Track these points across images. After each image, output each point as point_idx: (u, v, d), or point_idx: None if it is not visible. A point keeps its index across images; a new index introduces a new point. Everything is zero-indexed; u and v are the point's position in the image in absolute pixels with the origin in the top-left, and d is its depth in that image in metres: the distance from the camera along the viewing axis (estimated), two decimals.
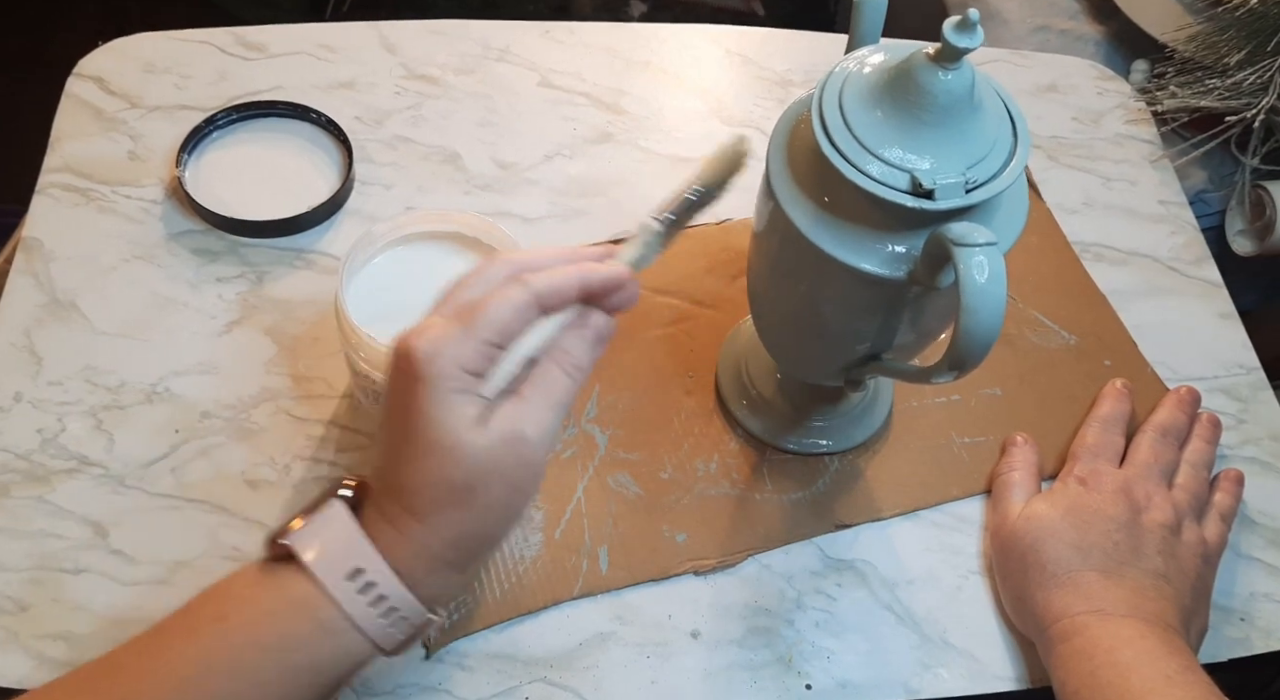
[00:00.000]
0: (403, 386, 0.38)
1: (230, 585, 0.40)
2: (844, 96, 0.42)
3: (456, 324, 0.38)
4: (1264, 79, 0.74)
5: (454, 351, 0.37)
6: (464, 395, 0.37)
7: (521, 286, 0.38)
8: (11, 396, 0.57)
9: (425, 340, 0.37)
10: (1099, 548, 0.52)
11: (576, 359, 0.40)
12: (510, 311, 0.38)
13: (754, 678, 0.52)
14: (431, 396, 0.37)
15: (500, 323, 0.38)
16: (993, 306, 0.38)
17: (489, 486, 0.38)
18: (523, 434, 0.38)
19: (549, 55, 0.75)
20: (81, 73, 0.69)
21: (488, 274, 0.40)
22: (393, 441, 0.39)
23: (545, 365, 0.39)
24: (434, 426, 0.37)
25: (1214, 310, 0.68)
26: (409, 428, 0.38)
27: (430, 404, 0.37)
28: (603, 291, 0.40)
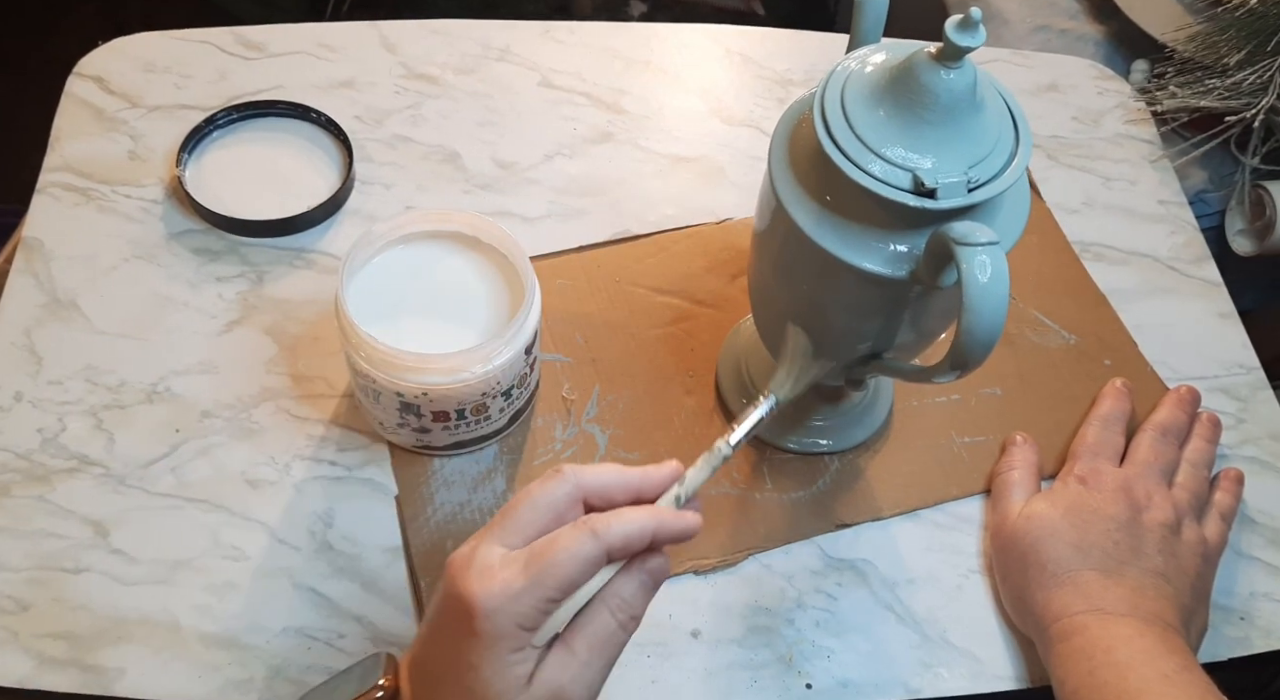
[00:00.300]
0: (457, 629, 0.37)
1: None
2: (846, 96, 0.42)
3: (521, 576, 0.36)
4: (1264, 79, 0.74)
5: (515, 608, 0.36)
6: (519, 654, 0.36)
7: (593, 539, 0.37)
8: (12, 396, 0.57)
9: (487, 593, 0.36)
10: (1099, 547, 0.52)
11: (632, 607, 0.38)
12: (578, 566, 0.36)
13: (754, 677, 0.52)
14: (486, 655, 0.36)
15: (567, 579, 0.36)
16: (995, 306, 0.38)
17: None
18: (565, 694, 0.37)
19: (549, 55, 0.75)
20: (82, 72, 0.69)
21: (551, 498, 0.38)
22: (437, 678, 0.38)
23: (598, 613, 0.38)
24: (482, 685, 0.36)
25: (1214, 310, 0.68)
26: (457, 675, 0.37)
27: (484, 662, 0.36)
28: (670, 542, 0.39)
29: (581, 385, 0.60)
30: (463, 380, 0.50)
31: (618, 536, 0.37)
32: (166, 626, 0.51)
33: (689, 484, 0.41)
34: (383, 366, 0.50)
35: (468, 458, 0.57)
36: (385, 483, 0.56)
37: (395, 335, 0.49)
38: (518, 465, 0.57)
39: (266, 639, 0.51)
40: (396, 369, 0.49)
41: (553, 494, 0.38)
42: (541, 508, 0.38)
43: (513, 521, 0.38)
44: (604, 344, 0.62)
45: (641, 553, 0.39)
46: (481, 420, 0.54)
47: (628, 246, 0.66)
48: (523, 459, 0.57)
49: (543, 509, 0.38)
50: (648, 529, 0.38)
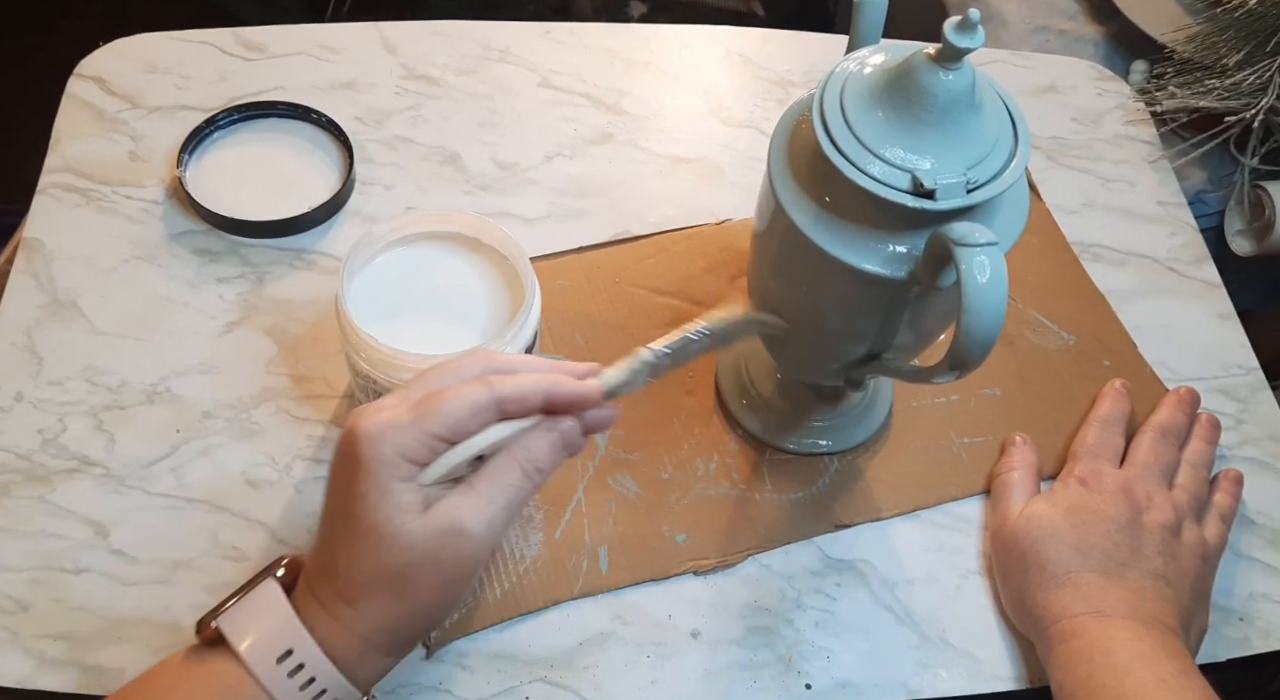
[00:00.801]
0: (345, 466, 0.37)
1: (158, 674, 0.40)
2: (845, 97, 0.42)
3: (407, 412, 0.37)
4: (1263, 79, 0.74)
5: (398, 438, 0.37)
6: (406, 483, 0.37)
7: (484, 386, 0.38)
8: (12, 396, 0.57)
9: (371, 423, 0.37)
10: (1099, 548, 0.52)
11: (537, 459, 0.39)
12: (466, 407, 0.37)
13: (754, 677, 0.52)
14: (370, 481, 0.36)
15: (452, 418, 0.37)
16: (994, 307, 0.38)
17: (421, 575, 0.37)
18: (463, 526, 0.37)
19: (549, 56, 0.75)
20: (82, 73, 0.69)
21: (459, 368, 0.39)
22: (331, 522, 0.39)
23: (501, 459, 0.39)
24: (370, 511, 0.37)
25: (1213, 310, 0.68)
26: (346, 510, 0.37)
27: (368, 488, 0.36)
28: (568, 406, 0.39)
29: None
30: None
31: (511, 388, 0.38)
32: (166, 627, 0.51)
33: (606, 376, 0.41)
34: (383, 367, 0.50)
35: None
36: None
37: (395, 336, 0.50)
38: None
39: None
40: (397, 370, 0.49)
41: (462, 366, 0.39)
42: (445, 376, 0.39)
43: (415, 384, 0.39)
44: (604, 344, 0.62)
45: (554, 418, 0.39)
46: None
47: (627, 247, 0.66)
48: None
49: (446, 377, 0.39)
50: (541, 384, 0.38)
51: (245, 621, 0.38)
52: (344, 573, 0.38)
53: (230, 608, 0.39)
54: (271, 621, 0.38)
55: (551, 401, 0.39)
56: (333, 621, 0.38)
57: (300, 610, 0.39)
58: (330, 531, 0.39)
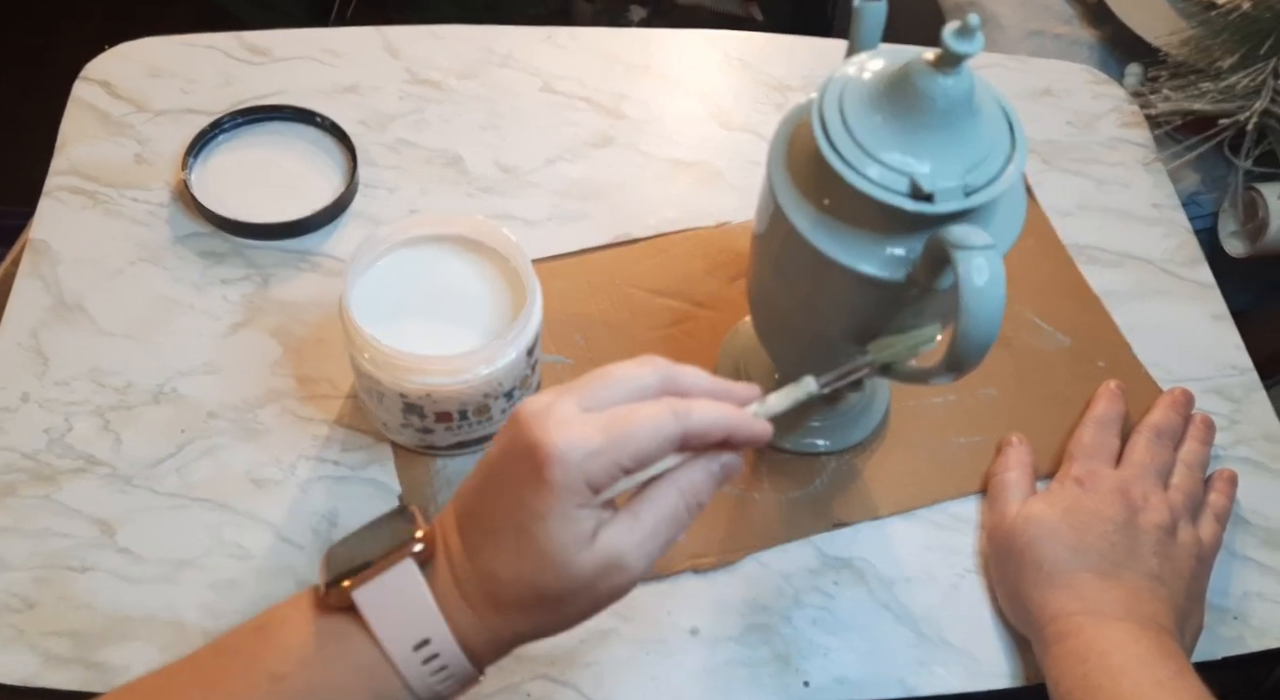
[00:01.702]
0: (524, 476, 0.36)
1: (287, 635, 0.38)
2: (844, 101, 0.42)
3: (599, 434, 0.36)
4: (1256, 82, 0.74)
5: (589, 465, 0.35)
6: (584, 510, 0.36)
7: (675, 418, 0.36)
8: (19, 397, 0.57)
9: (564, 442, 0.35)
10: (1095, 548, 0.52)
11: (700, 492, 0.38)
12: (657, 442, 0.36)
13: (752, 675, 0.53)
14: (554, 506, 0.35)
15: (643, 451, 0.36)
16: (991, 309, 0.39)
17: (577, 602, 0.37)
18: (625, 561, 0.37)
19: (550, 60, 0.75)
20: (88, 77, 0.70)
21: (639, 378, 0.38)
22: (495, 526, 0.37)
23: (665, 489, 0.38)
24: (545, 537, 0.36)
25: (1207, 311, 0.69)
26: (519, 524, 0.36)
27: (550, 513, 0.35)
28: (743, 443, 0.39)
29: None
30: (465, 381, 0.50)
31: (697, 423, 0.37)
32: (171, 625, 0.51)
33: (769, 404, 0.40)
34: (386, 368, 0.50)
35: (470, 458, 0.57)
36: (388, 483, 0.56)
37: (399, 337, 0.50)
38: None
39: None
40: (400, 370, 0.50)
41: (640, 378, 0.38)
42: (625, 386, 0.38)
43: (591, 389, 0.38)
44: (604, 345, 0.62)
45: (715, 447, 0.39)
46: (484, 421, 0.54)
47: (628, 249, 0.67)
48: None
49: (626, 388, 0.38)
50: (725, 422, 0.38)
51: (384, 603, 0.37)
52: (502, 582, 0.37)
53: (368, 583, 0.37)
54: (411, 607, 0.37)
55: (731, 437, 0.38)
56: (476, 621, 0.38)
57: (441, 599, 0.38)
58: (491, 536, 0.37)
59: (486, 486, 0.38)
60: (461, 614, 0.38)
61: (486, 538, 0.37)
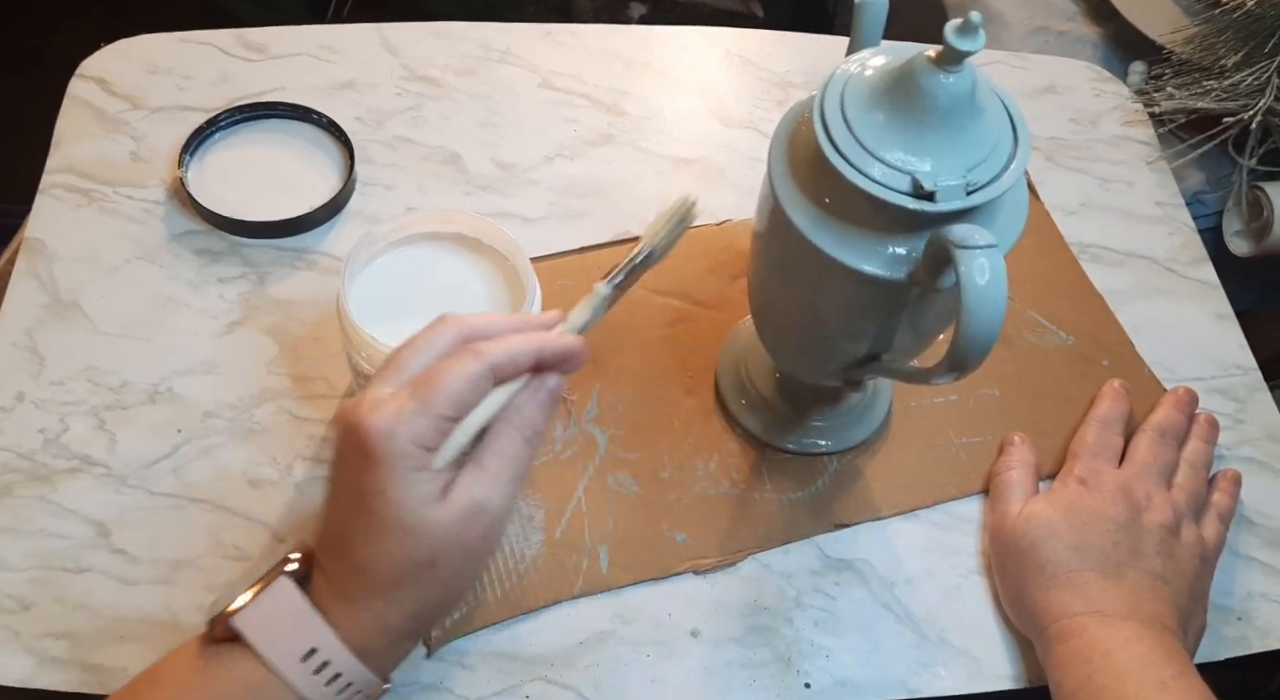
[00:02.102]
0: (355, 463, 0.37)
1: (176, 669, 0.39)
2: (845, 98, 0.42)
3: (410, 399, 0.37)
4: (1261, 80, 0.74)
5: (410, 429, 0.36)
6: (422, 472, 0.37)
7: (476, 357, 0.38)
8: (14, 396, 0.57)
9: (379, 417, 0.36)
10: (1098, 548, 0.52)
11: (534, 424, 0.39)
12: (465, 383, 0.37)
13: (753, 676, 0.52)
14: (389, 476, 0.36)
15: (456, 395, 0.37)
16: (993, 308, 0.39)
17: (450, 560, 0.38)
18: (483, 505, 0.38)
19: (549, 57, 0.75)
20: (84, 74, 0.69)
21: (435, 340, 0.39)
22: (346, 518, 0.38)
23: (501, 430, 0.39)
24: (393, 507, 0.36)
25: (1211, 311, 0.68)
26: (365, 507, 0.37)
27: (388, 484, 0.36)
28: (556, 361, 0.40)
29: (581, 386, 0.60)
30: None
31: (500, 354, 0.38)
32: (168, 626, 0.51)
33: (571, 320, 0.42)
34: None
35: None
36: None
37: (397, 336, 0.49)
38: None
39: None
40: None
41: (439, 339, 0.39)
42: (425, 352, 0.39)
43: (397, 366, 0.39)
44: (604, 345, 0.62)
45: (536, 374, 0.40)
46: None
47: (628, 248, 0.66)
48: None
49: (425, 352, 0.39)
50: (529, 346, 0.39)
51: (263, 622, 0.38)
52: (370, 568, 0.38)
53: (246, 607, 0.38)
54: (291, 621, 0.38)
55: (541, 359, 0.39)
56: (359, 615, 0.38)
57: (320, 606, 0.38)
58: (347, 528, 0.38)
59: (332, 490, 0.39)
60: (341, 613, 0.38)
61: (345, 533, 0.38)
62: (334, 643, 0.38)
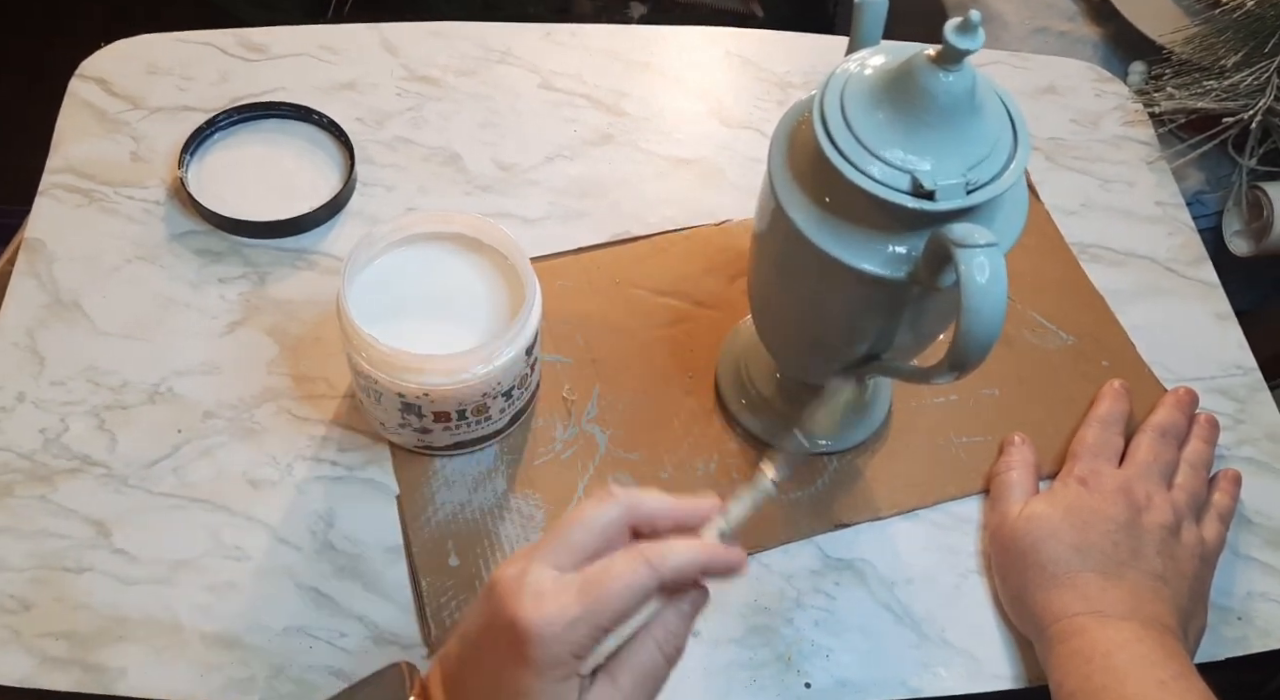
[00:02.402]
0: (504, 653, 0.35)
1: None
2: (845, 98, 0.42)
3: (576, 603, 0.35)
4: (1261, 80, 0.74)
5: (570, 637, 0.35)
6: (567, 682, 0.35)
7: (649, 569, 0.36)
8: (14, 396, 0.57)
9: (541, 617, 0.35)
10: (1098, 548, 0.52)
11: (677, 640, 0.38)
12: (634, 597, 0.36)
13: (753, 676, 0.52)
14: (537, 684, 0.35)
15: (622, 609, 0.36)
16: (993, 307, 0.39)
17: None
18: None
19: (550, 57, 0.75)
20: (84, 74, 0.69)
21: (604, 517, 0.38)
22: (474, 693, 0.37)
23: (645, 646, 0.37)
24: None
25: (1211, 311, 0.68)
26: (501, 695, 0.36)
27: (534, 692, 0.35)
28: (718, 576, 0.38)
29: (582, 386, 0.60)
30: (464, 381, 0.50)
31: (671, 569, 0.36)
32: (168, 626, 0.51)
33: (732, 517, 0.40)
34: (384, 367, 0.50)
35: (468, 458, 0.57)
36: (386, 483, 0.56)
37: (397, 336, 0.50)
38: (518, 465, 0.57)
39: (268, 638, 0.51)
40: (398, 370, 0.50)
41: (605, 516, 0.38)
42: (594, 530, 0.37)
43: (564, 542, 0.37)
44: (604, 345, 0.62)
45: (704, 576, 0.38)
46: (482, 421, 0.54)
47: (628, 248, 0.66)
48: (523, 459, 0.57)
49: (595, 531, 0.37)
50: (699, 562, 0.37)
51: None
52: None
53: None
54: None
55: (707, 573, 0.38)
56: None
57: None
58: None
59: (467, 658, 0.37)
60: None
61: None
62: None
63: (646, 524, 0.39)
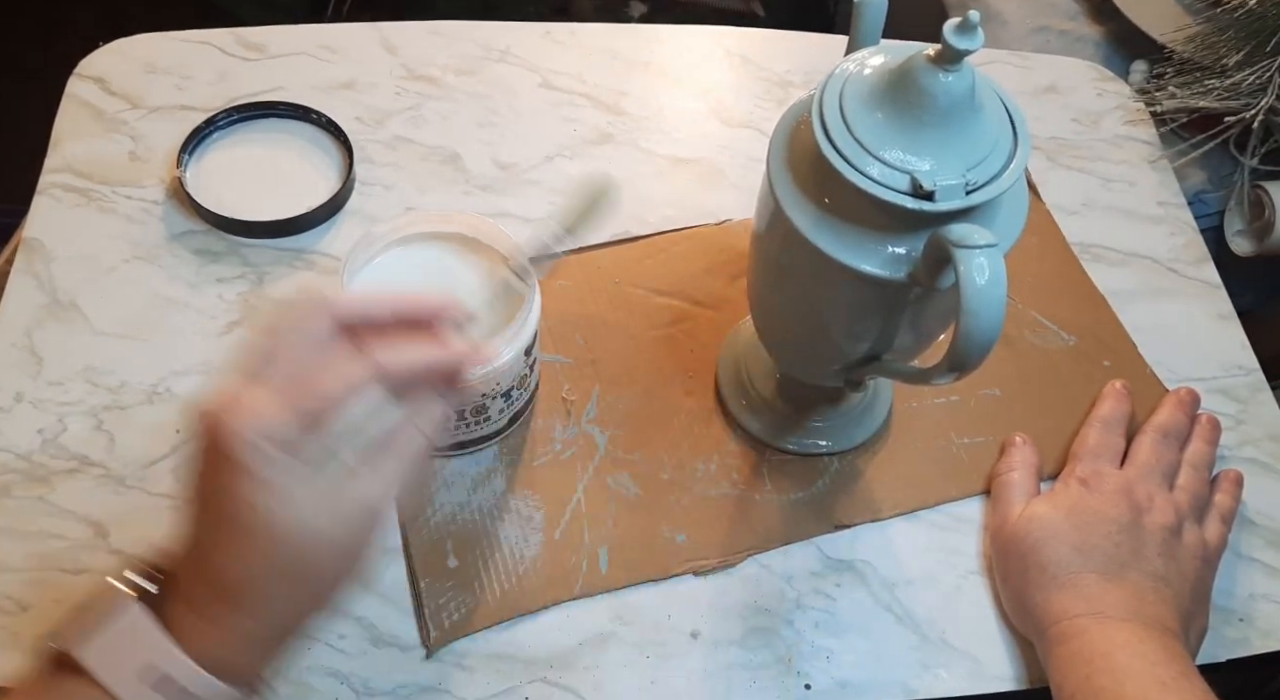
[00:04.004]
0: (216, 467, 0.34)
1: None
2: (844, 98, 0.42)
3: (276, 391, 0.34)
4: (1263, 79, 0.74)
5: (272, 427, 0.34)
6: (288, 474, 0.34)
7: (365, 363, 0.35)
8: (12, 396, 0.57)
9: (240, 419, 0.33)
10: (1100, 549, 0.52)
11: (437, 425, 0.38)
12: (347, 387, 0.35)
13: (754, 678, 0.52)
14: (251, 480, 0.34)
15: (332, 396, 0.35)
16: (993, 308, 0.38)
17: (322, 565, 0.35)
18: (373, 509, 0.36)
19: (549, 56, 0.75)
20: (82, 73, 0.69)
21: (307, 330, 0.36)
22: (205, 525, 0.35)
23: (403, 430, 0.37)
24: (254, 512, 0.34)
25: (1213, 311, 0.68)
26: (224, 512, 0.34)
27: (250, 489, 0.34)
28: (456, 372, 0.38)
29: (581, 386, 0.60)
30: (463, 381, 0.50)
31: (395, 365, 0.36)
32: None
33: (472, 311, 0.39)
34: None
35: (468, 459, 0.57)
36: None
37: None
38: (517, 466, 0.57)
39: None
40: None
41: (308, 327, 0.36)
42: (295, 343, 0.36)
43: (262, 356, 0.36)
44: (604, 345, 0.62)
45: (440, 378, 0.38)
46: (481, 421, 0.54)
47: (627, 248, 0.66)
48: (522, 460, 0.57)
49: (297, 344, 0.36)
50: (428, 359, 0.37)
51: (109, 649, 0.35)
52: (232, 579, 0.35)
53: (85, 633, 0.35)
54: (135, 644, 0.35)
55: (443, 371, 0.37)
56: (221, 633, 0.35)
57: (172, 622, 0.35)
58: (207, 535, 0.35)
59: (193, 493, 0.36)
60: (201, 634, 0.35)
61: (203, 539, 0.36)
62: (187, 667, 0.35)
63: (368, 325, 0.37)
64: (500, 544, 0.54)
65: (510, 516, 0.55)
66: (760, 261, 0.50)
